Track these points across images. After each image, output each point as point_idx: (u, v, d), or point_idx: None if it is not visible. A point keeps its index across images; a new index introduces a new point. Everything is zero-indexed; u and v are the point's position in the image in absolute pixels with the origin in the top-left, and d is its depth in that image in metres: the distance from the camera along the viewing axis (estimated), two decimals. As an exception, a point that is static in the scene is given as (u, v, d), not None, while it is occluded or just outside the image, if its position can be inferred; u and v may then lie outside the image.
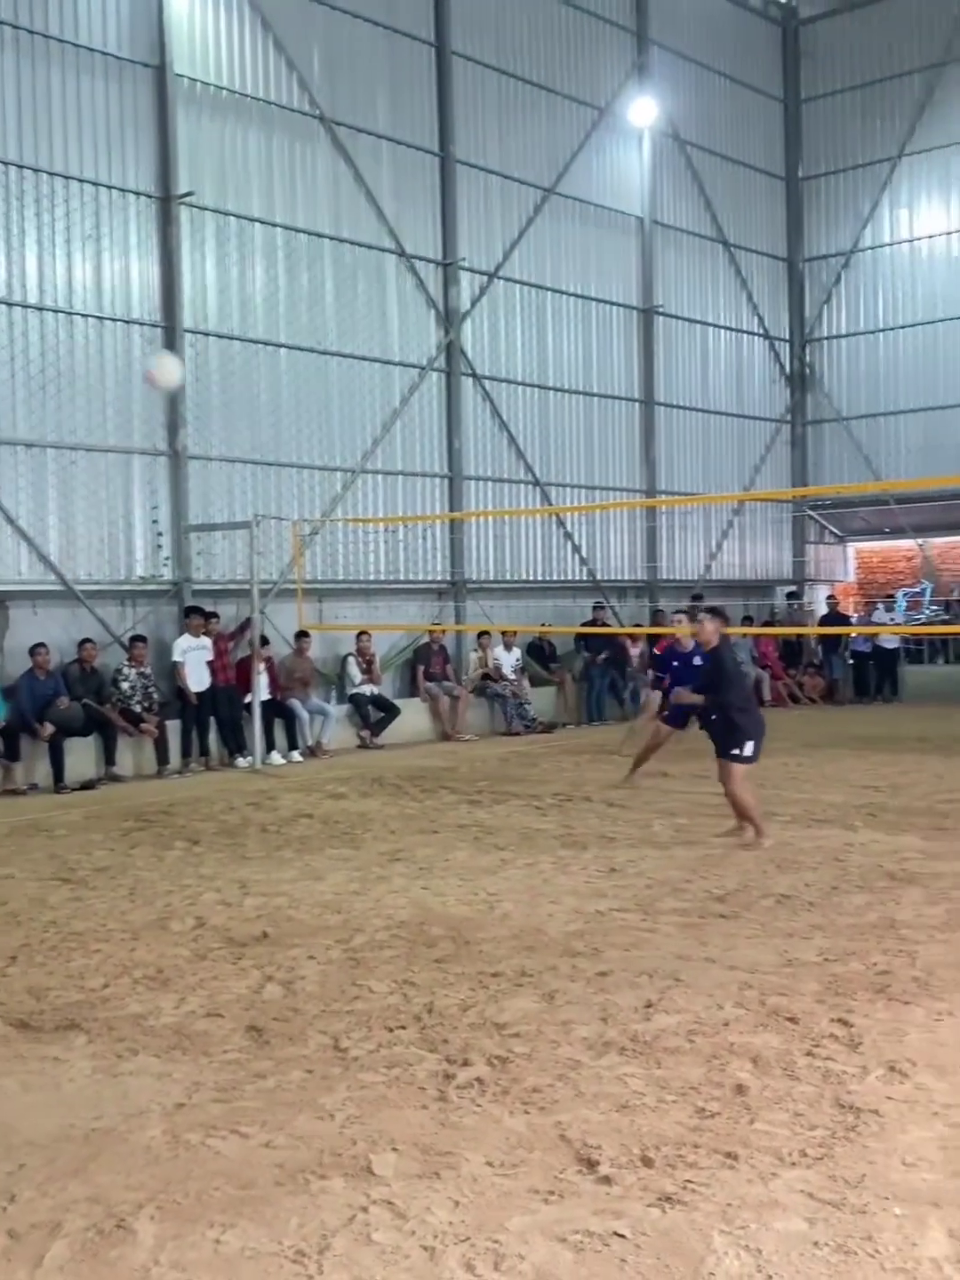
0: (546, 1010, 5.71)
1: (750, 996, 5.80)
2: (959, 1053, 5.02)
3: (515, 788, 12.51)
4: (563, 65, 20.45)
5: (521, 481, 19.85)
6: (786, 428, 24.93)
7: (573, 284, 20.68)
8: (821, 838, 9.61)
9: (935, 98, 23.20)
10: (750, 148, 24.05)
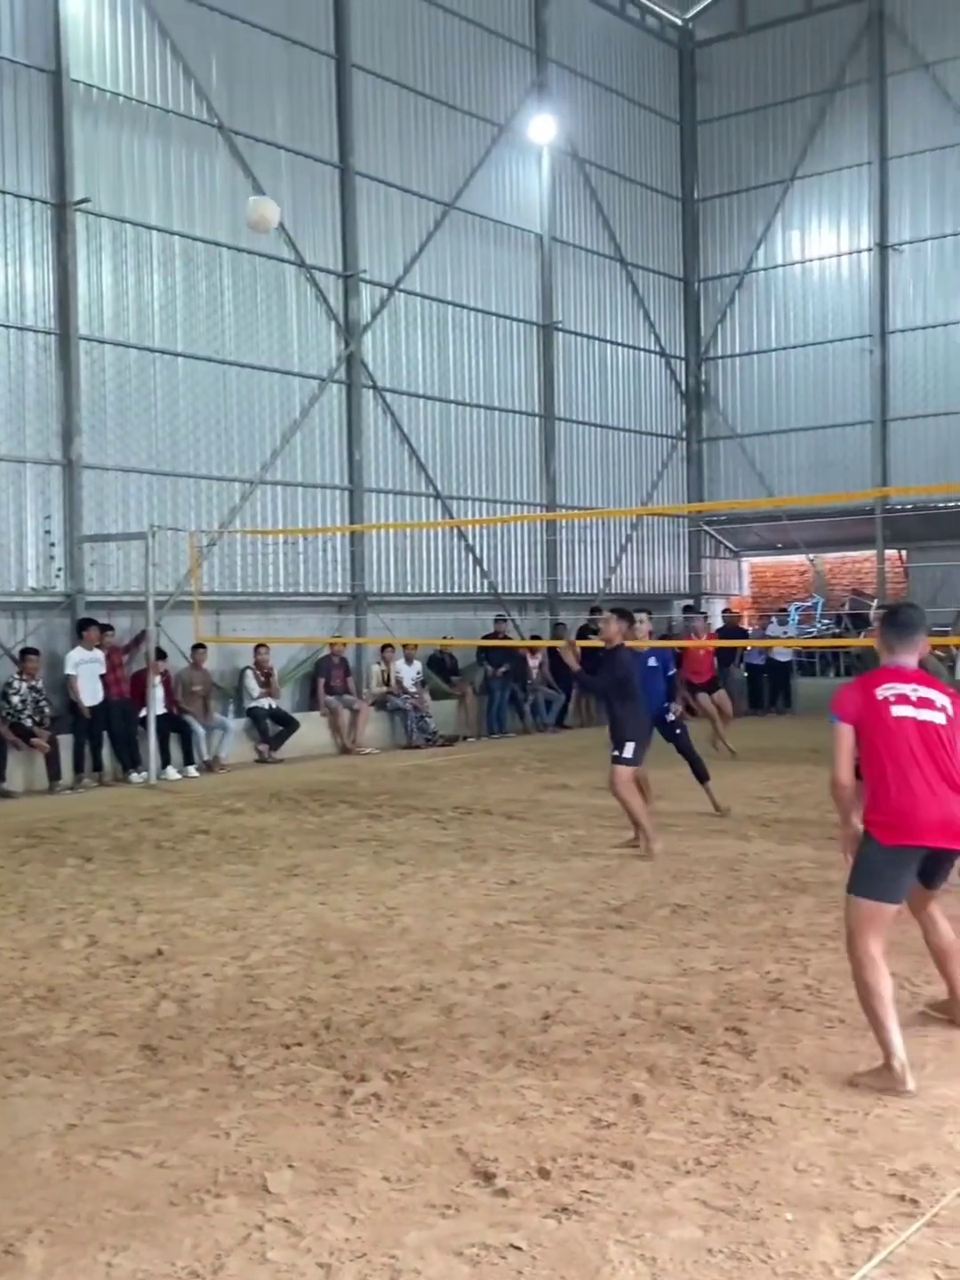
0: (445, 1024, 5.70)
1: (647, 1006, 5.86)
2: (850, 1059, 5.11)
3: (415, 801, 12.49)
4: (463, 81, 20.57)
5: (423, 494, 19.87)
6: (683, 444, 25.29)
7: (473, 298, 20.78)
8: (717, 848, 9.74)
9: (826, 122, 23.75)
10: (648, 168, 24.40)
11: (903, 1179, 4.03)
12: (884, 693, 5.01)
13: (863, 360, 23.52)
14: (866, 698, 5.04)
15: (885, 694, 5.00)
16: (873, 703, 5.01)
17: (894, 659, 5.15)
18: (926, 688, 5.02)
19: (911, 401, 23.13)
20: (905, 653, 5.14)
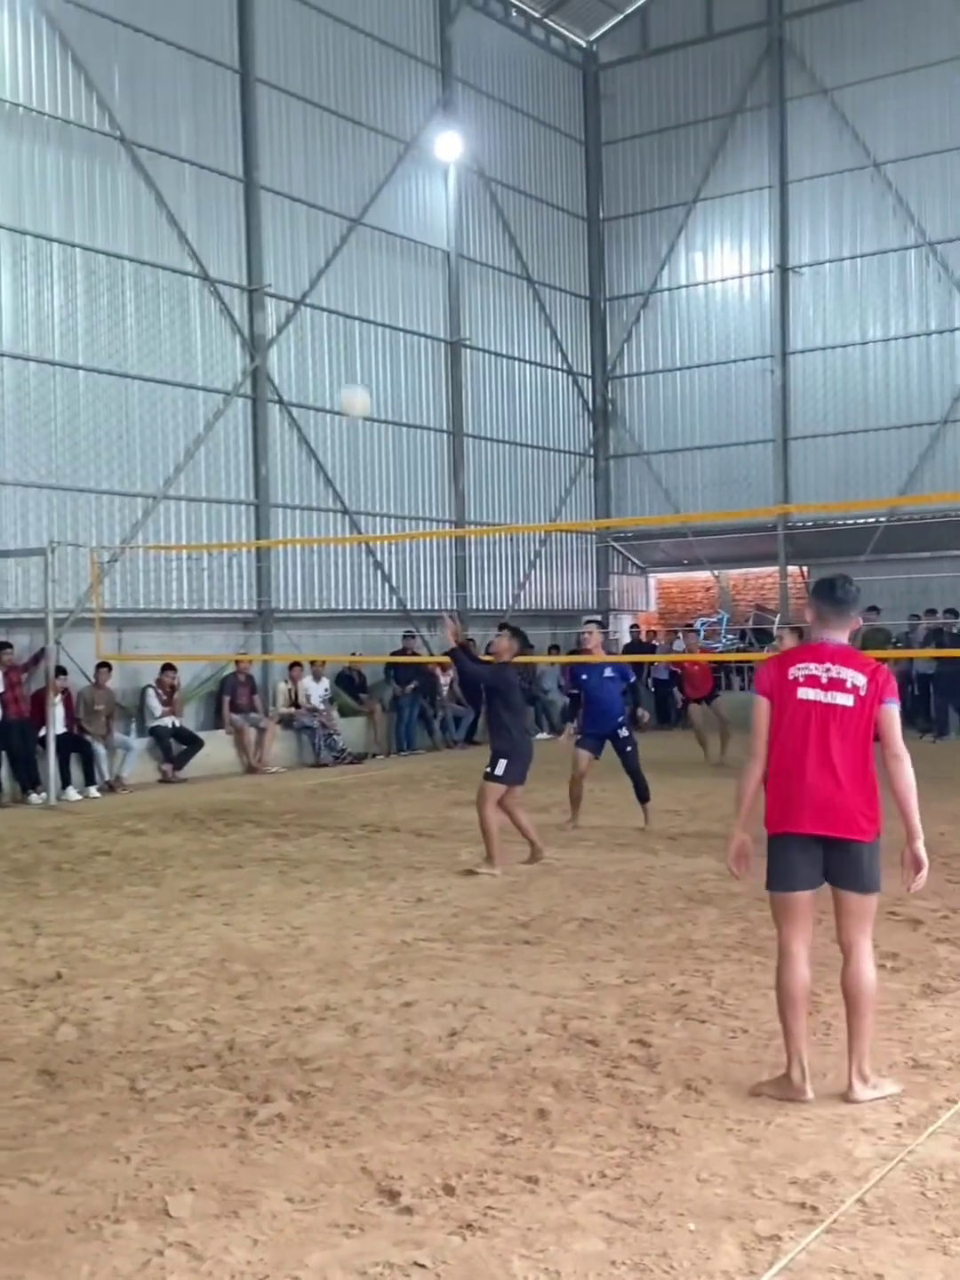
0: (350, 1043, 5.66)
1: (553, 1021, 5.86)
2: (752, 1069, 5.16)
3: (322, 820, 12.40)
4: (369, 98, 20.60)
5: (330, 510, 19.80)
6: (590, 461, 25.50)
7: (381, 314, 20.78)
8: (624, 861, 9.80)
9: (728, 145, 24.15)
10: (553, 187, 24.62)
11: (803, 1187, 4.07)
12: (796, 672, 4.88)
13: (764, 380, 23.92)
14: (780, 675, 4.93)
15: (796, 674, 4.88)
16: (784, 681, 4.90)
17: (824, 633, 4.98)
18: (842, 667, 4.84)
19: (811, 421, 23.56)
20: (837, 628, 4.96)
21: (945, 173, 22.15)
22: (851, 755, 4.78)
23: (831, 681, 4.81)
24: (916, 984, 6.26)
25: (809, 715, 4.82)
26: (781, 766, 4.88)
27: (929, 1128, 4.51)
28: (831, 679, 4.82)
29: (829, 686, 4.81)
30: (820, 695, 4.81)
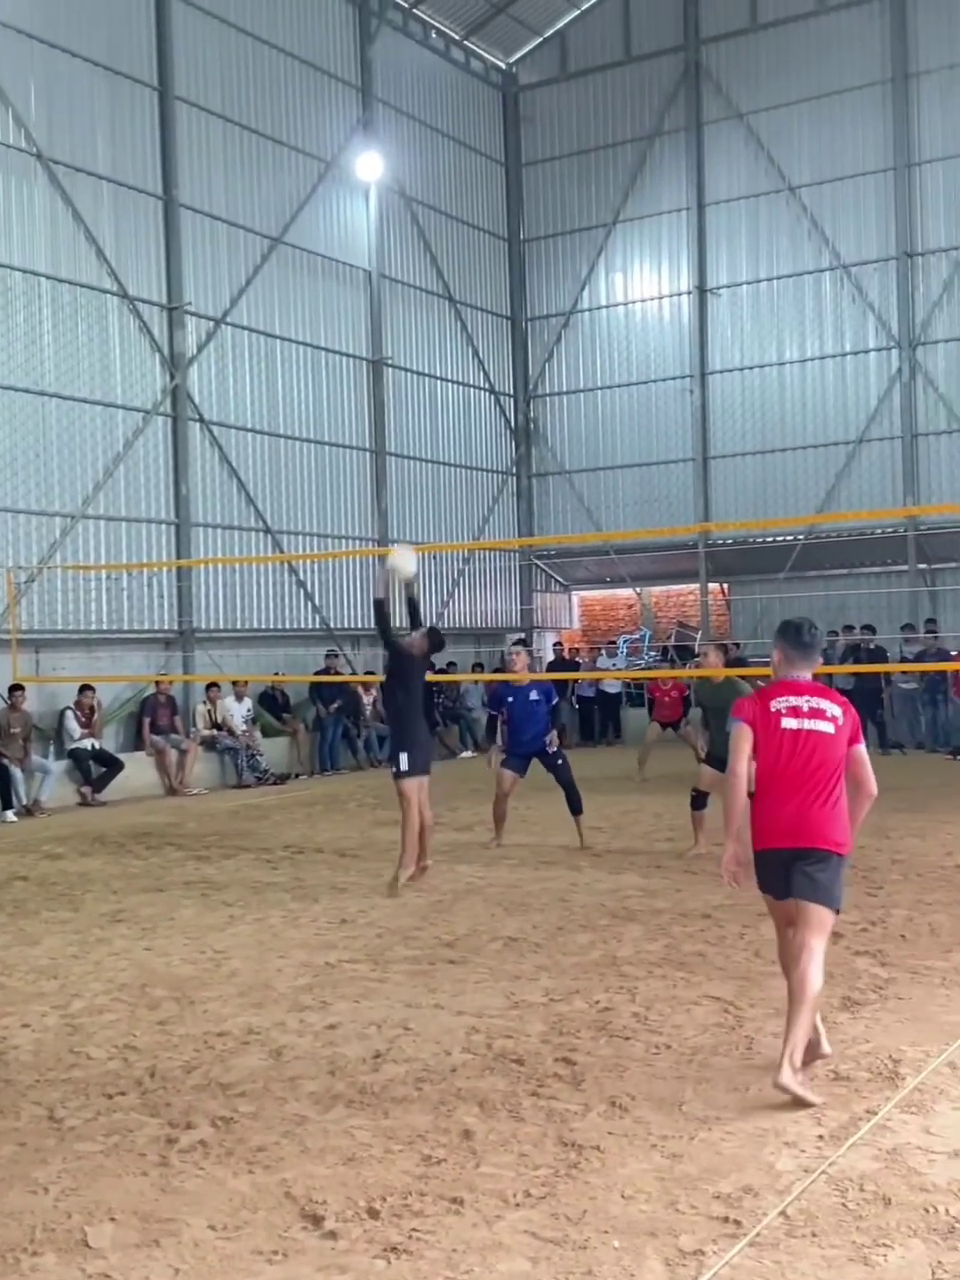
0: (274, 1067, 5.60)
1: (478, 1041, 5.85)
2: (676, 1085, 5.19)
3: (245, 841, 12.29)
4: (289, 117, 20.59)
5: (252, 529, 19.68)
6: (513, 479, 25.61)
7: (302, 333, 20.73)
8: (549, 879, 9.82)
9: (646, 168, 24.44)
10: (474, 207, 24.75)
11: (726, 1201, 4.09)
12: (778, 704, 5.21)
13: (684, 400, 24.19)
14: (763, 707, 5.23)
15: (779, 706, 5.20)
16: (766, 714, 5.21)
17: (791, 671, 5.34)
18: (820, 698, 5.21)
19: (730, 440, 23.86)
20: (804, 668, 5.33)
21: (857, 197, 22.60)
22: (828, 777, 5.15)
23: (812, 711, 5.19)
24: (837, 997, 6.32)
25: (794, 742, 5.17)
26: (767, 789, 5.21)
27: (849, 1139, 4.55)
28: (812, 709, 5.19)
29: (810, 715, 5.19)
30: (803, 724, 5.17)
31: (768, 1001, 6.28)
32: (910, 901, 8.53)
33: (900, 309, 22.29)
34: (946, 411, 22.00)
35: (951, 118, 21.89)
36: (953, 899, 8.58)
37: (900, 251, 22.21)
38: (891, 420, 22.45)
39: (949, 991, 6.39)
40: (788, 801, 5.13)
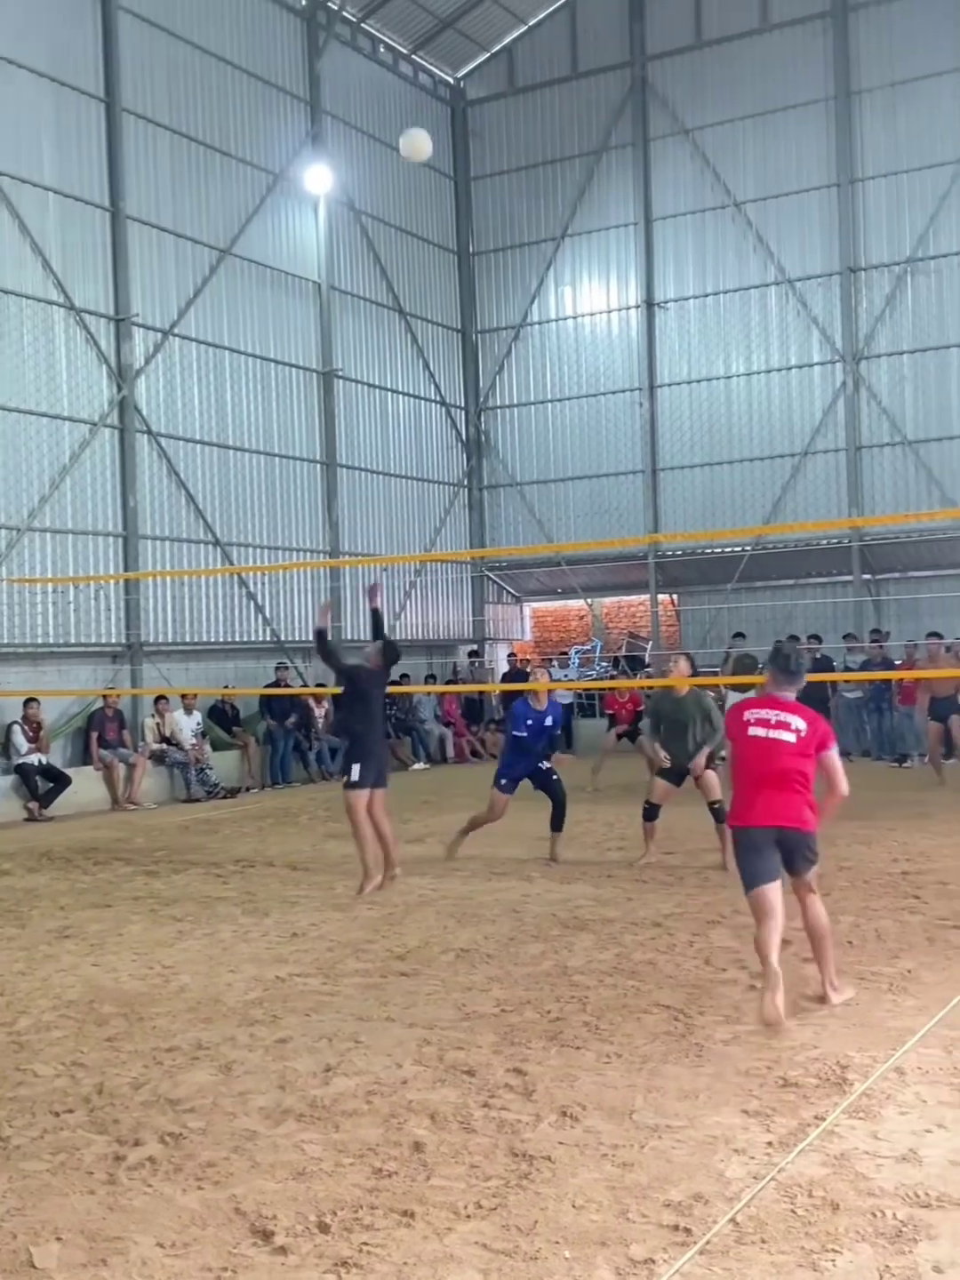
0: (223, 1082, 5.56)
1: (429, 1053, 5.84)
2: (626, 1094, 5.20)
3: (195, 856, 12.21)
4: (238, 129, 20.56)
5: (201, 541, 19.59)
6: (464, 491, 25.66)
7: (252, 344, 20.68)
8: (500, 890, 9.82)
9: (594, 183, 24.60)
10: (424, 221, 24.81)
11: (676, 1209, 4.10)
12: (749, 715, 6.45)
13: (633, 412, 24.34)
14: (737, 718, 6.54)
15: (749, 717, 6.43)
16: (740, 723, 6.49)
17: (775, 691, 6.52)
18: (788, 714, 6.35)
19: (679, 452, 24.04)
20: (787, 690, 6.49)
21: (801, 213, 22.86)
22: (790, 776, 6.31)
23: (779, 723, 6.35)
24: (785, 1003, 6.36)
25: (759, 747, 6.37)
26: (742, 783, 6.47)
27: (798, 1145, 4.58)
28: (779, 721, 6.36)
29: (776, 726, 6.35)
30: (769, 733, 6.36)
31: (717, 1009, 6.32)
32: (857, 908, 8.60)
33: (844, 323, 22.56)
34: (889, 424, 22.28)
35: (893, 135, 22.21)
36: (898, 905, 8.66)
37: (844, 266, 22.49)
38: (836, 433, 22.71)
39: (895, 997, 6.45)
40: (759, 793, 6.33)
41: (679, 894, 9.38)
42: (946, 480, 21.74)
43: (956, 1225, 3.92)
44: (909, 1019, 6.03)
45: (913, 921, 8.14)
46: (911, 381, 22.23)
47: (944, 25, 21.68)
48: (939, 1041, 5.68)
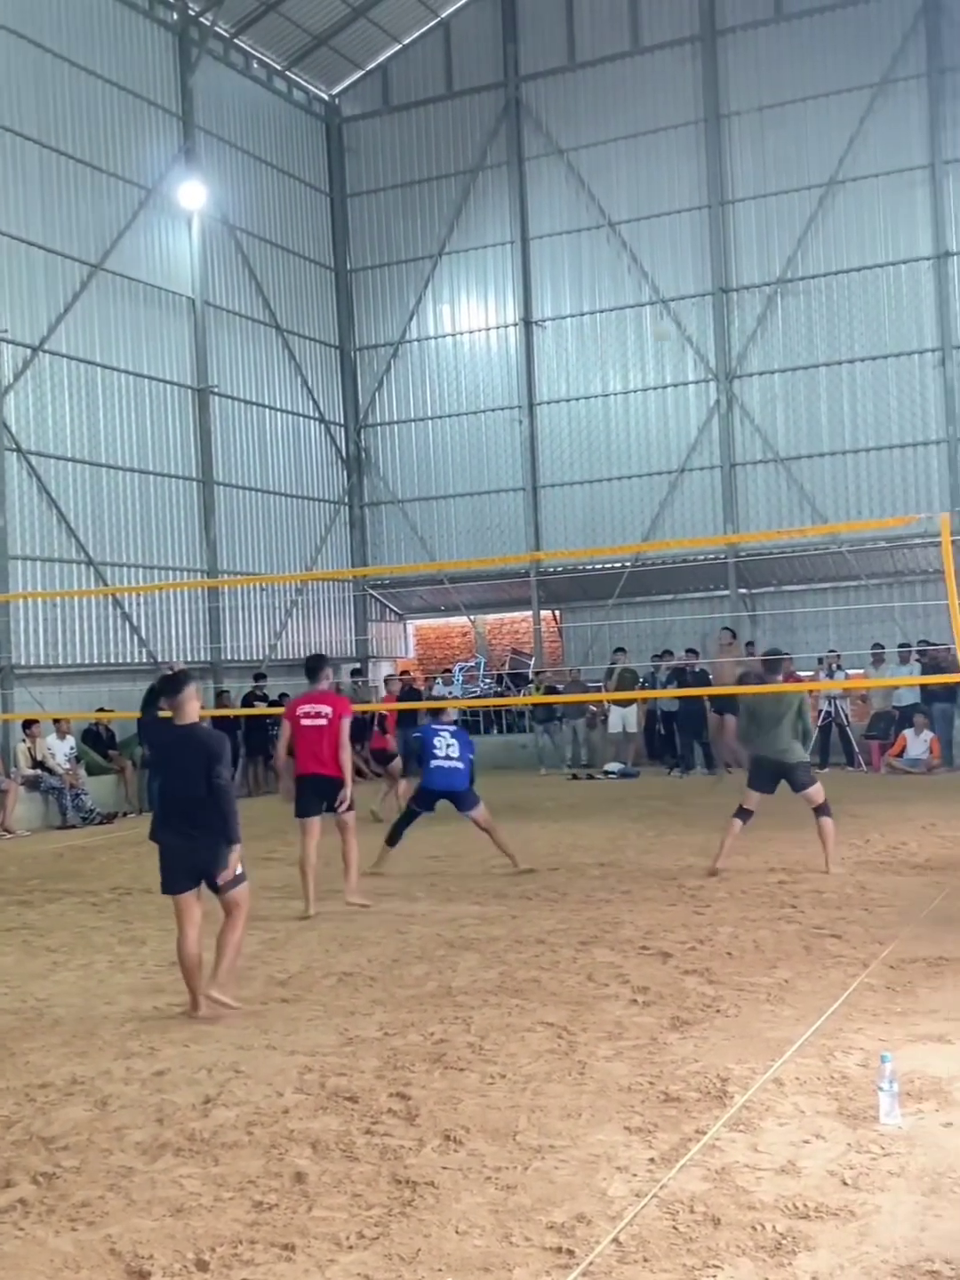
0: (99, 1118, 5.42)
1: (311, 1080, 5.75)
2: (510, 1115, 5.18)
3: (70, 884, 11.92)
4: (109, 143, 20.26)
5: (74, 561, 19.20)
6: (345, 509, 25.55)
7: (125, 361, 20.36)
8: (385, 911, 9.75)
9: (471, 201, 24.74)
10: (300, 237, 24.69)
11: (559, 1230, 4.09)
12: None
13: (513, 429, 24.49)
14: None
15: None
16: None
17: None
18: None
19: (559, 469, 24.23)
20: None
21: (674, 233, 23.25)
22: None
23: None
24: (666, 1017, 6.42)
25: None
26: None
27: (680, 1161, 4.60)
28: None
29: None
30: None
31: (599, 1025, 6.34)
32: (736, 919, 8.71)
33: (717, 343, 22.98)
34: (762, 442, 22.73)
35: (761, 158, 22.70)
36: (776, 915, 8.79)
37: (716, 287, 22.92)
38: (711, 450, 23.10)
39: (774, 1007, 6.53)
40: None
41: (562, 910, 9.41)
42: (817, 496, 22.25)
43: (834, 1236, 3.97)
44: (787, 1029, 6.11)
45: (789, 931, 8.27)
46: (782, 400, 22.72)
47: (808, 52, 22.27)
48: (816, 1051, 5.77)
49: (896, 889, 9.57)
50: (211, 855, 6.93)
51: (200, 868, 7.00)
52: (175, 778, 7.14)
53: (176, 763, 7.11)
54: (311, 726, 9.71)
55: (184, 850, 7.00)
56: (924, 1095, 5.12)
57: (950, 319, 21.58)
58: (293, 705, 10.13)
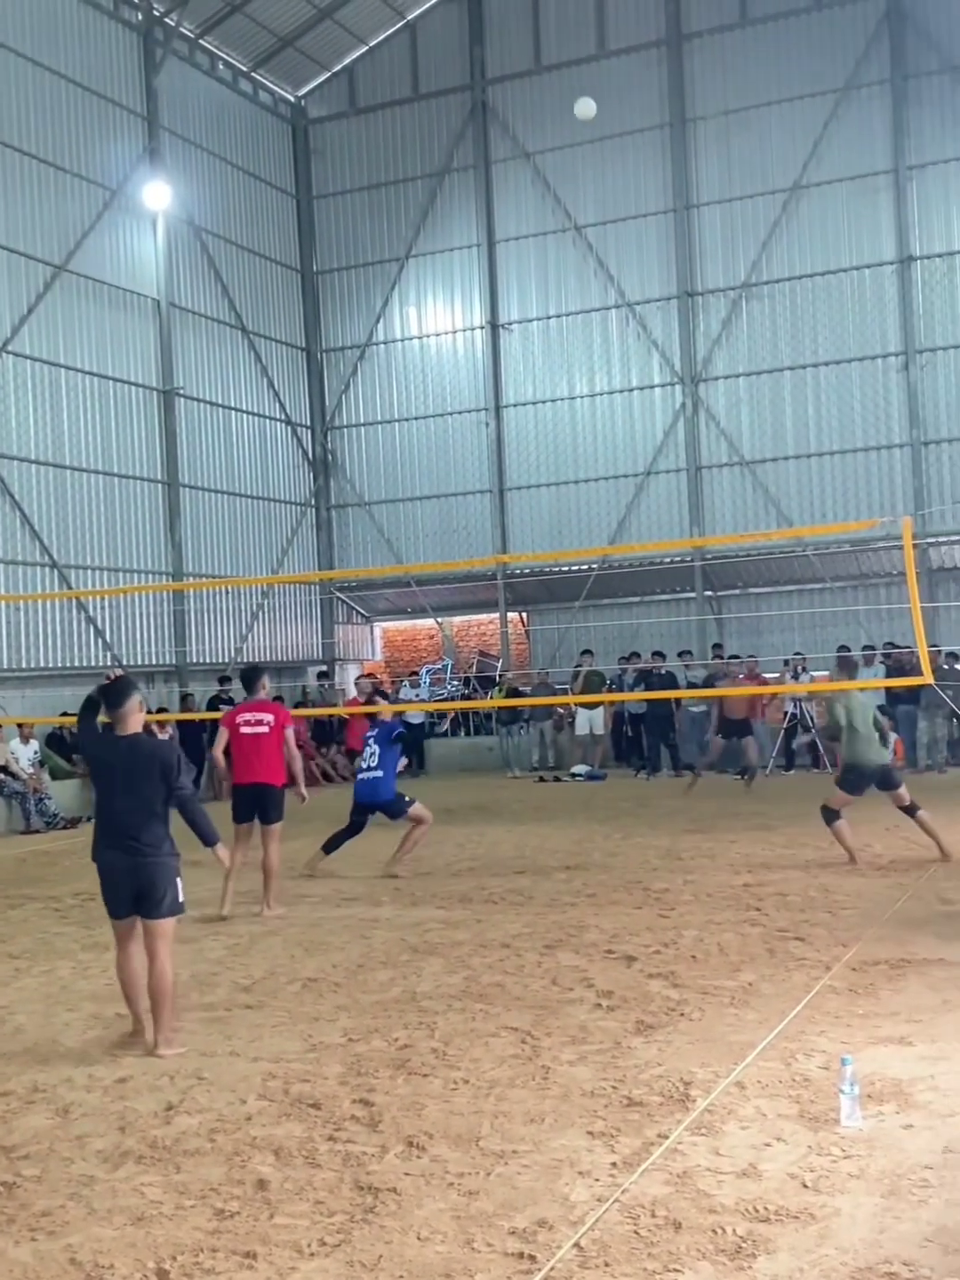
0: (60, 1126, 5.38)
1: (274, 1087, 5.74)
2: (473, 1120, 5.17)
3: (33, 890, 11.83)
4: (73, 144, 20.15)
5: (37, 564, 19.08)
6: (312, 511, 25.50)
7: (89, 362, 20.25)
8: (348, 916, 9.73)
9: (437, 204, 24.75)
10: (266, 239, 24.63)
11: (521, 1236, 4.09)
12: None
13: (480, 432, 24.51)
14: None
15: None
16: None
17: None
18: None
19: (526, 472, 24.27)
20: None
21: (640, 237, 23.33)
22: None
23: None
24: (631, 1020, 6.43)
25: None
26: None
27: (642, 1165, 4.61)
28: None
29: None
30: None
31: (564, 1030, 6.35)
32: (700, 922, 8.74)
33: (682, 346, 23.07)
34: (727, 445, 22.83)
35: (726, 162, 22.82)
36: (740, 918, 8.83)
37: (681, 291, 23.01)
38: (677, 453, 23.18)
39: (737, 1011, 6.56)
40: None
41: (528, 914, 9.42)
42: (782, 499, 22.37)
43: (794, 1238, 3.99)
44: (750, 1032, 6.14)
45: (754, 934, 8.31)
46: (747, 403, 22.83)
47: (773, 57, 22.40)
48: (778, 1054, 5.79)
49: (860, 891, 9.63)
50: (154, 875, 6.42)
51: (141, 885, 6.45)
52: (122, 792, 6.55)
53: (124, 776, 6.55)
54: (250, 734, 9.85)
55: (127, 870, 6.48)
56: (884, 1097, 5.16)
57: (913, 323, 21.75)
58: (232, 713, 10.33)
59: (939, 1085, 5.28)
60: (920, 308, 21.79)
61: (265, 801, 9.93)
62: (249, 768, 9.94)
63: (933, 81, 21.65)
